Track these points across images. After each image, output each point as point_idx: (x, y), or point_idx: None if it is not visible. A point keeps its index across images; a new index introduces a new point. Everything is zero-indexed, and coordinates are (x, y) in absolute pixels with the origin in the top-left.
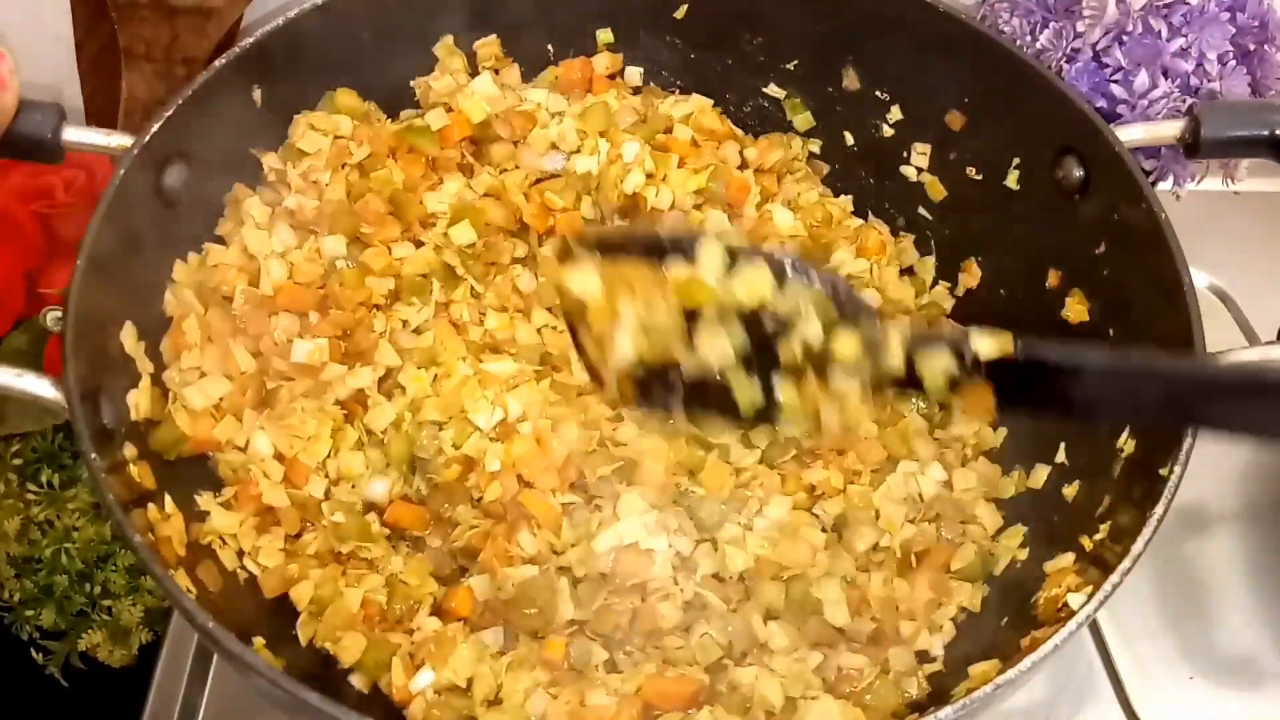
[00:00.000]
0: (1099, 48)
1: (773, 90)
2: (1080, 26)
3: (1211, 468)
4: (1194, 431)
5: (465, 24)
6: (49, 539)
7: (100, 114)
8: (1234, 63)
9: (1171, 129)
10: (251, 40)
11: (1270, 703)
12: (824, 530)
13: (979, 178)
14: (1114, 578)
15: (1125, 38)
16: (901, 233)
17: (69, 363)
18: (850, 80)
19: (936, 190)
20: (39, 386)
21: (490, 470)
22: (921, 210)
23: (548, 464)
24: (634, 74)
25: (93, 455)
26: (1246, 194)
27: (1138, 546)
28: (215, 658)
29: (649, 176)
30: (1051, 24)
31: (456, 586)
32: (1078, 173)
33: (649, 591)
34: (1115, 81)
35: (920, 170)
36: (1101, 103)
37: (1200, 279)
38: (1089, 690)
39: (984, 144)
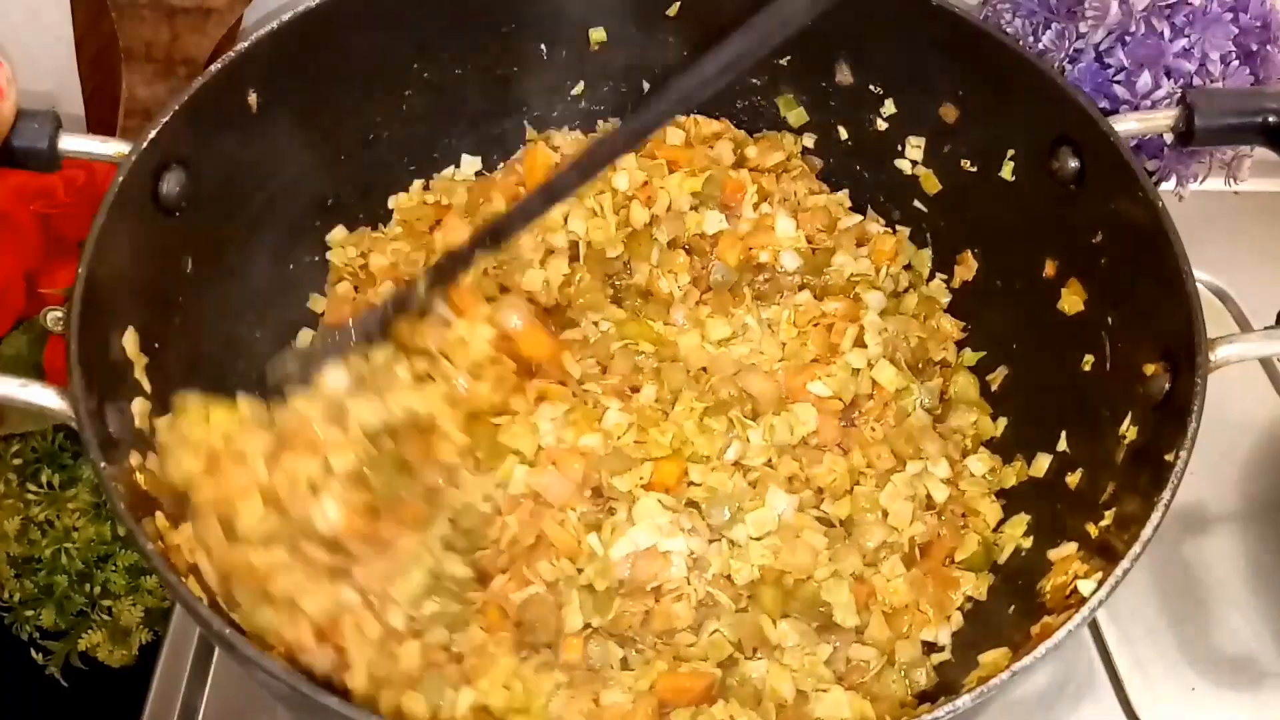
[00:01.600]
0: (1102, 49)
1: (766, 86)
2: (1083, 27)
3: (1211, 468)
4: (1197, 417)
5: (458, 24)
6: (49, 539)
7: (100, 114)
8: (1237, 63)
9: (1166, 117)
10: (247, 45)
11: (1270, 703)
12: (830, 526)
13: (974, 170)
14: (1125, 563)
15: (1128, 38)
16: (897, 226)
17: (74, 374)
18: (843, 75)
19: (931, 183)
20: (45, 397)
21: (513, 494)
22: (916, 203)
23: (570, 483)
24: None
25: (102, 465)
26: (1247, 194)
27: (1147, 532)
28: (215, 658)
29: (645, 184)
30: (1054, 25)
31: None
32: (1073, 163)
33: (663, 592)
34: (1118, 82)
35: (915, 163)
36: (1104, 104)
37: (1200, 279)
38: (1089, 690)
39: (978, 136)
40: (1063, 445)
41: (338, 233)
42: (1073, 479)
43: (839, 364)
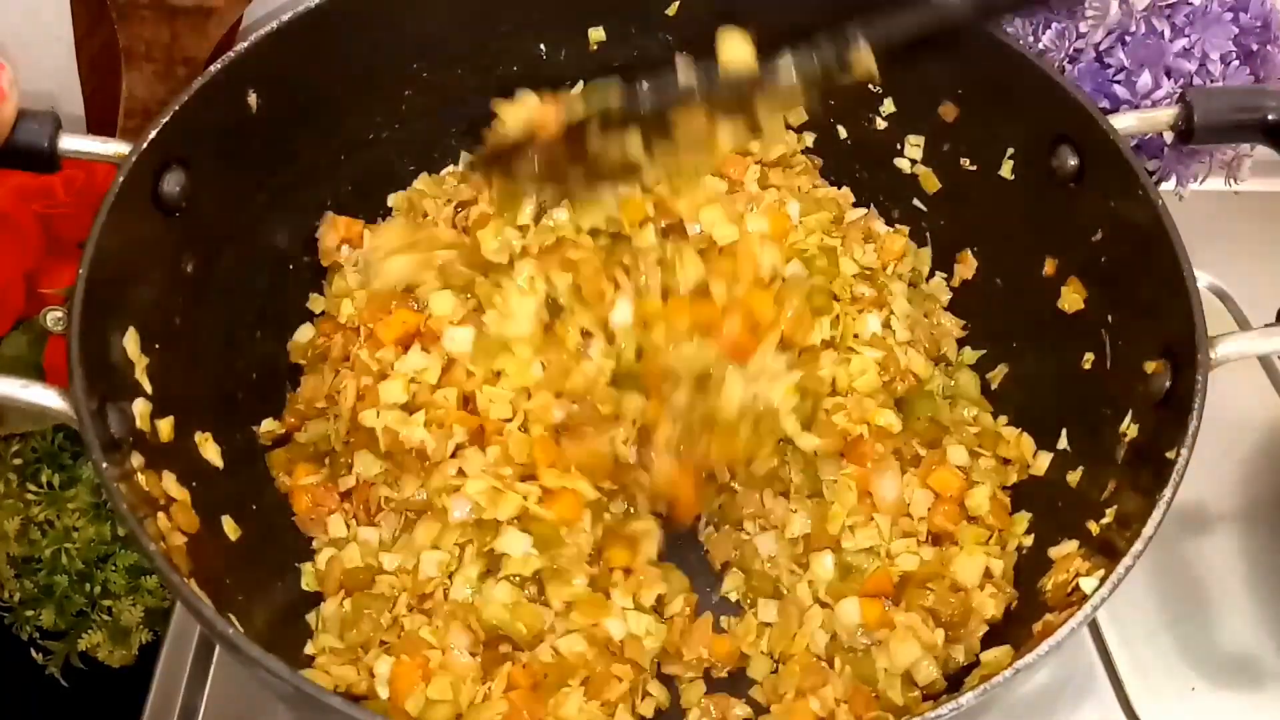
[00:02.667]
0: (1102, 48)
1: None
2: (1083, 27)
3: (1211, 468)
4: (1198, 414)
5: (457, 24)
6: (49, 539)
7: (101, 114)
8: (1237, 63)
9: (1165, 115)
10: (246, 45)
11: (1271, 703)
12: None
13: (973, 169)
14: (1127, 561)
15: (1128, 38)
16: (896, 225)
17: (75, 375)
18: None
19: (931, 182)
20: (47, 398)
21: None
22: (916, 202)
23: None
24: None
25: (104, 465)
26: (1247, 194)
27: (1149, 530)
28: (215, 658)
29: None
30: (1054, 25)
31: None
32: (1072, 161)
33: None
34: (1118, 82)
35: (914, 162)
36: (1104, 104)
37: (1200, 279)
38: (1089, 690)
39: (978, 135)
40: (1063, 443)
41: None
42: (1073, 477)
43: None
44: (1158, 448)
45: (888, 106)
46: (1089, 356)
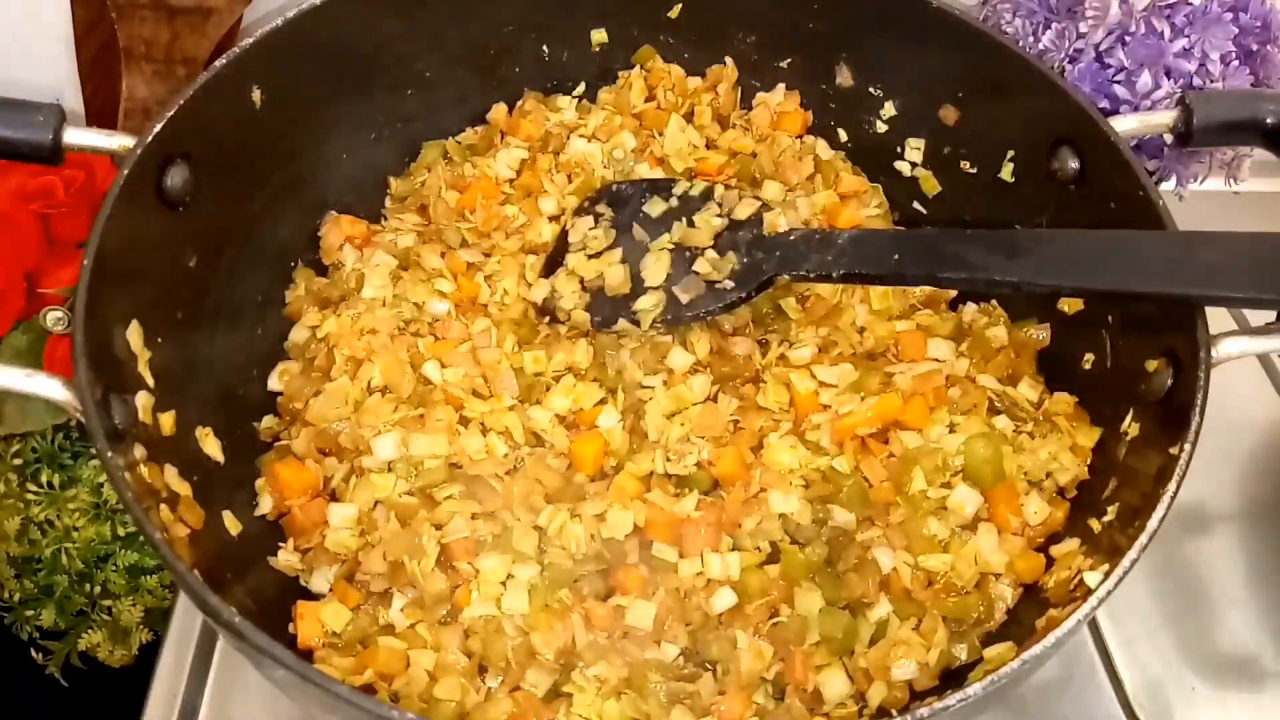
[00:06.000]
0: (1102, 48)
1: (765, 88)
2: (1083, 27)
3: (1211, 468)
4: (1200, 410)
5: (461, 23)
6: (49, 539)
7: (100, 114)
8: (1236, 63)
9: (1165, 118)
10: (252, 40)
11: (1270, 703)
12: None
13: (973, 171)
14: (1132, 554)
15: (1128, 38)
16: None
17: (80, 364)
18: (844, 77)
19: (931, 185)
20: (49, 387)
21: None
22: (916, 205)
23: None
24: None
25: (109, 454)
26: (1247, 194)
27: (1153, 524)
28: (215, 658)
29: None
30: (1054, 25)
31: None
32: (1073, 164)
33: None
34: (1118, 82)
35: (915, 165)
36: (1104, 103)
37: None
38: (1089, 690)
39: (978, 137)
40: None
41: None
42: None
43: None
44: (1160, 445)
45: (888, 109)
46: (1089, 357)
